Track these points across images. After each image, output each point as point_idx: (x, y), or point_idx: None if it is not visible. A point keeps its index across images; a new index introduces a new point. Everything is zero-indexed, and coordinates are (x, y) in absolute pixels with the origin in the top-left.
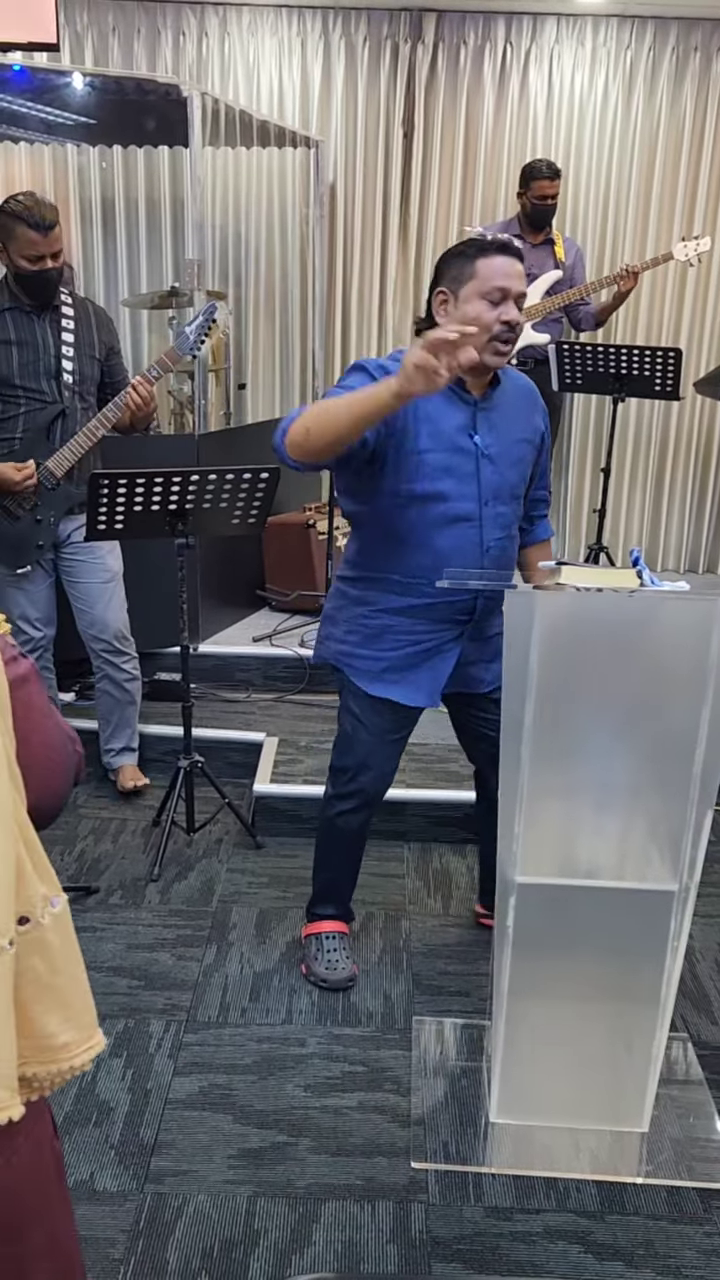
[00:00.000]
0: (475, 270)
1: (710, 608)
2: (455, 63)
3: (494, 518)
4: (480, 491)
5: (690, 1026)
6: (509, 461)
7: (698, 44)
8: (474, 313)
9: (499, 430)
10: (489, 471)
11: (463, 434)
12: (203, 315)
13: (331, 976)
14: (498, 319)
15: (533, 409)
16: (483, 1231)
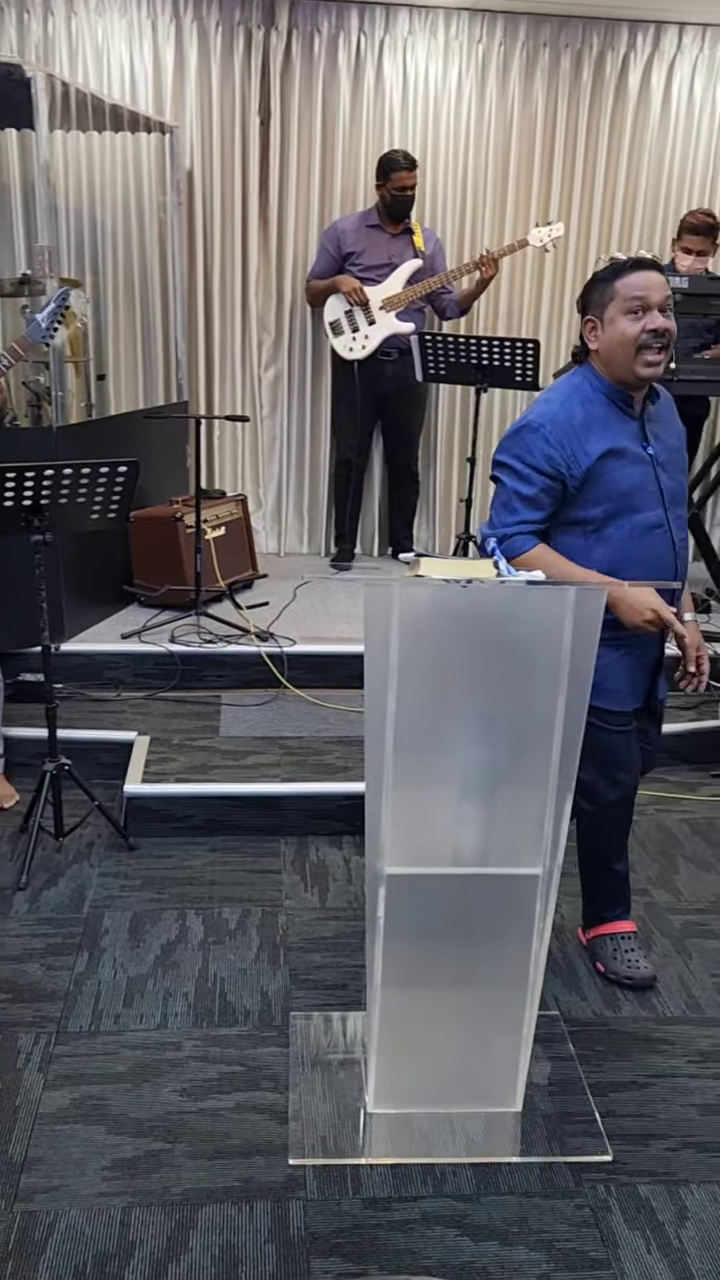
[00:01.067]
0: (614, 291)
1: (563, 597)
2: (309, 51)
3: (677, 520)
4: (663, 497)
5: (560, 1004)
6: (676, 467)
7: (546, 39)
8: (619, 330)
9: (661, 438)
10: (664, 478)
11: (639, 446)
12: (54, 301)
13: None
14: (642, 329)
15: (675, 420)
16: (361, 1224)
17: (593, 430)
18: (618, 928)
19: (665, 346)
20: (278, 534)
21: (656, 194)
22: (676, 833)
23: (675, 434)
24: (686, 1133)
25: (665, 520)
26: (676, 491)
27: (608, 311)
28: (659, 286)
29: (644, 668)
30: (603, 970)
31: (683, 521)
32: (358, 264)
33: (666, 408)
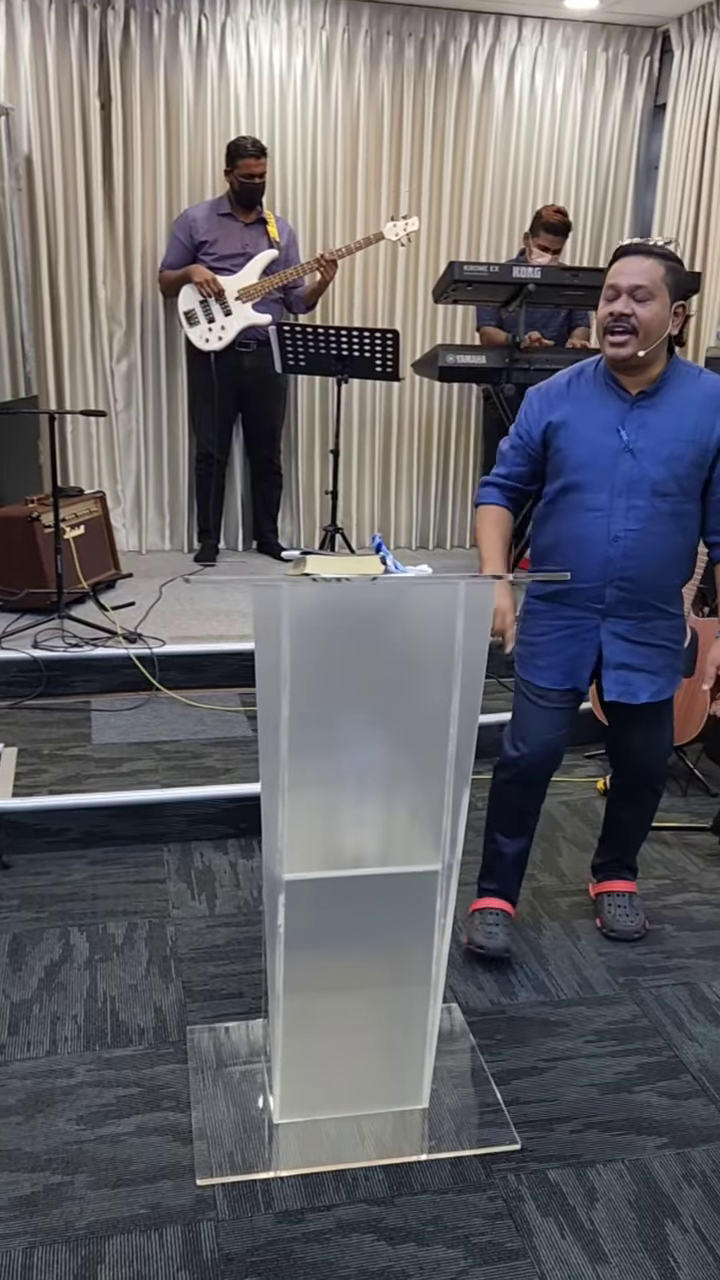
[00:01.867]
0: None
1: (453, 591)
2: (149, 32)
3: (626, 510)
4: (614, 484)
5: (458, 995)
6: (656, 459)
7: (389, 28)
8: (598, 313)
9: (651, 427)
10: (629, 465)
11: (609, 430)
12: None
13: (489, 943)
14: (607, 313)
15: (706, 411)
16: (275, 1239)
17: (564, 402)
18: (489, 904)
19: (629, 330)
20: (138, 531)
21: (504, 185)
22: (556, 815)
23: (689, 428)
24: (589, 1113)
25: (609, 506)
26: (641, 481)
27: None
28: (632, 273)
29: (584, 652)
30: (466, 942)
31: (641, 514)
32: (211, 253)
33: (696, 400)
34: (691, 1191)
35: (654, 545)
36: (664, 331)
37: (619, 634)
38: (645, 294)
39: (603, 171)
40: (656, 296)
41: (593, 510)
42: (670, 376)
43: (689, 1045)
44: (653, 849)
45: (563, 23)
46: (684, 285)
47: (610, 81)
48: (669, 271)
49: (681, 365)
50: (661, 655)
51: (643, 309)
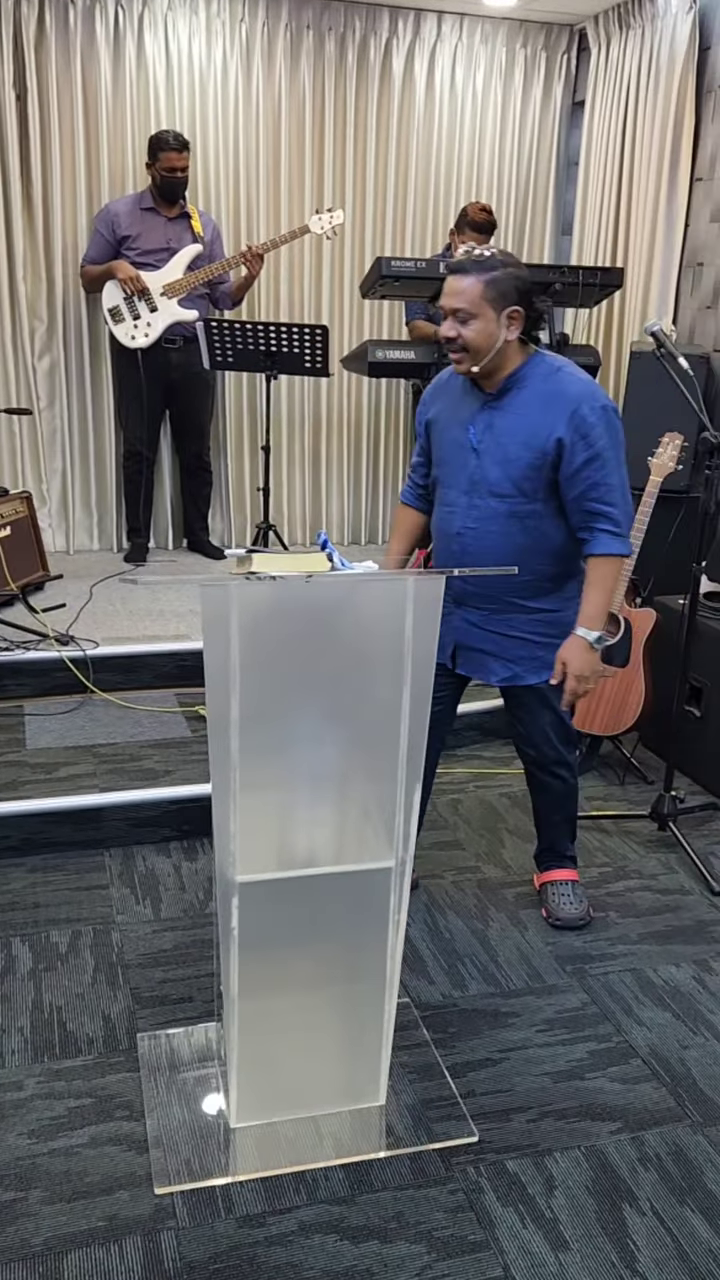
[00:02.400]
0: None
1: (401, 587)
2: (65, 22)
3: (469, 507)
4: (459, 480)
5: (410, 990)
6: (494, 460)
7: (309, 22)
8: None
9: (496, 428)
10: (473, 464)
11: (463, 427)
12: None
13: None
14: (443, 334)
15: (555, 415)
16: (238, 1244)
17: (439, 398)
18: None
19: (461, 349)
20: (66, 531)
21: (427, 180)
22: (497, 807)
23: (531, 432)
24: (544, 1102)
25: (456, 503)
26: (481, 481)
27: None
28: (451, 294)
29: (446, 633)
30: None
31: (481, 513)
32: (134, 248)
33: (542, 403)
34: (647, 1175)
35: (493, 543)
36: (493, 344)
37: (471, 622)
38: (465, 315)
39: (524, 167)
40: (478, 314)
41: (446, 505)
42: (525, 377)
43: (638, 1030)
44: (593, 838)
45: (481, 19)
46: (515, 290)
47: (529, 78)
48: (489, 285)
49: (540, 364)
50: (522, 646)
51: (466, 329)
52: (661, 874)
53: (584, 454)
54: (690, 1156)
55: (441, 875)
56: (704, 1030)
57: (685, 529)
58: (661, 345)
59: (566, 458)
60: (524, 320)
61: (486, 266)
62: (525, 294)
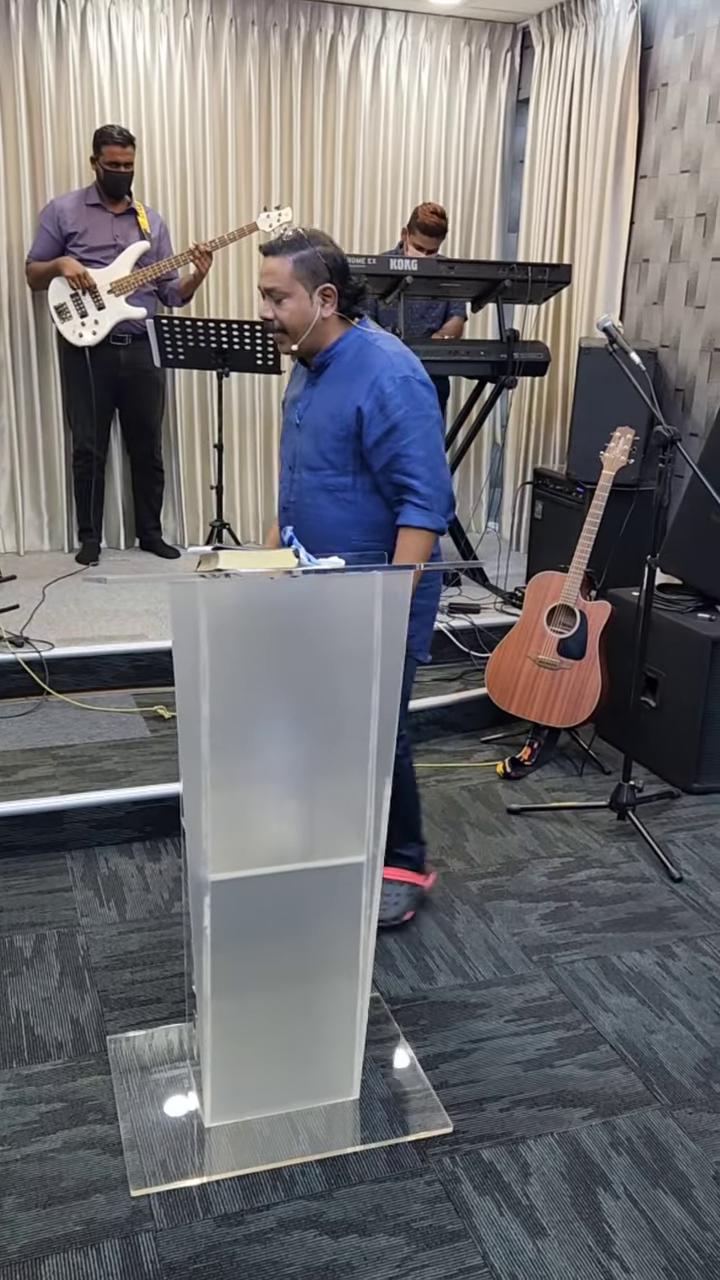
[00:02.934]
0: None
1: (369, 581)
2: (4, 16)
3: (291, 482)
4: (288, 456)
5: (379, 984)
6: (310, 432)
7: (254, 18)
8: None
9: (314, 403)
10: (297, 437)
11: (294, 406)
12: None
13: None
14: (261, 316)
15: (357, 386)
16: (216, 1244)
17: (291, 384)
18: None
19: (279, 330)
20: (15, 532)
21: (374, 177)
22: (459, 800)
23: (336, 403)
24: (516, 1091)
25: (286, 478)
26: (298, 454)
27: None
28: (265, 275)
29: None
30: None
31: (301, 485)
32: (81, 245)
33: (347, 374)
34: (620, 1159)
35: (309, 516)
36: (309, 321)
37: None
38: (279, 294)
39: (470, 164)
40: (291, 293)
41: (280, 481)
42: (341, 351)
43: (605, 1016)
44: (554, 828)
45: (425, 16)
46: (327, 267)
47: (474, 76)
48: (298, 264)
49: (356, 338)
50: None
51: (281, 309)
52: (622, 862)
53: (382, 425)
54: (661, 1139)
55: None
56: (669, 1014)
57: (637, 522)
58: (614, 341)
59: (366, 428)
60: (338, 296)
61: (295, 246)
62: (337, 270)
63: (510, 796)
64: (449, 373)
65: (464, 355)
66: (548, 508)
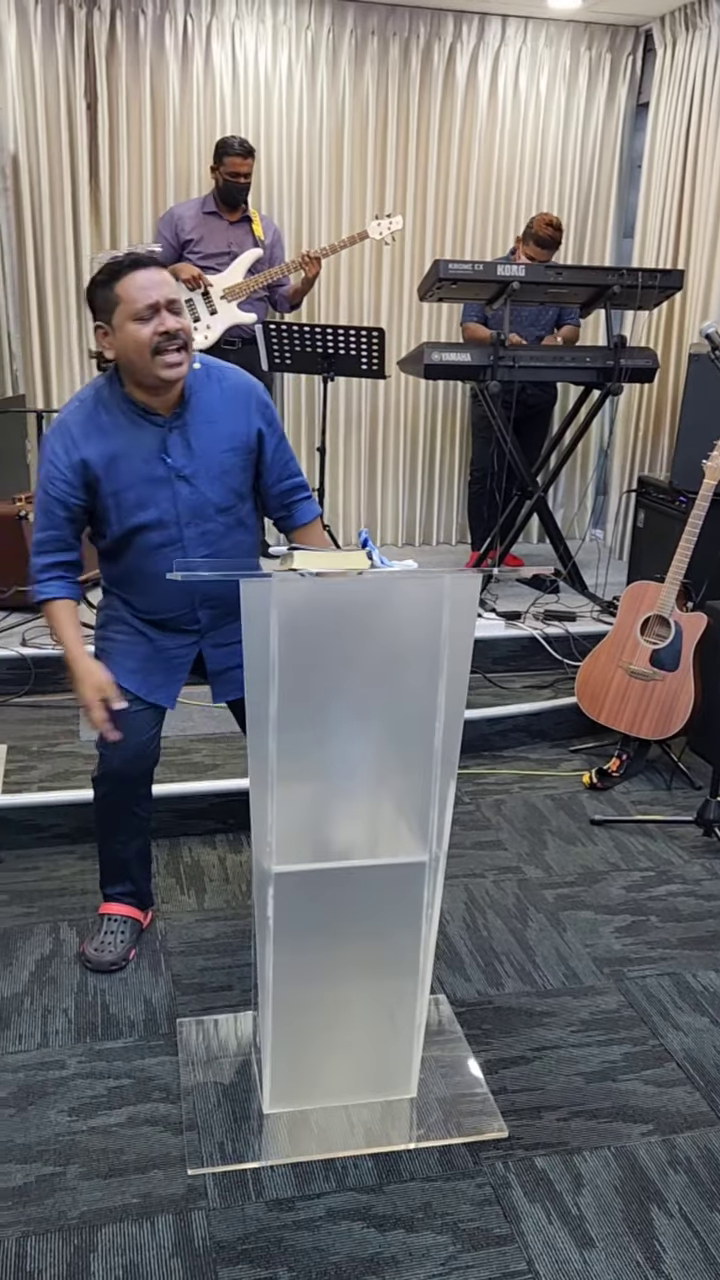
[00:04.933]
0: (117, 295)
1: (439, 585)
2: (135, 32)
3: (197, 537)
4: (179, 514)
5: (445, 986)
6: (210, 477)
7: (374, 28)
8: (131, 337)
9: (194, 447)
10: (186, 492)
11: (155, 460)
12: None
13: (98, 958)
14: (153, 333)
15: (241, 410)
16: (266, 1227)
17: (90, 441)
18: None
19: (184, 345)
20: None
21: (488, 184)
22: (542, 809)
23: (229, 435)
24: (576, 1102)
25: (180, 537)
26: (202, 505)
27: (115, 317)
28: (161, 285)
29: (174, 677)
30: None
31: (212, 536)
32: (197, 252)
33: (224, 404)
34: (677, 1177)
35: (230, 557)
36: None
37: (221, 643)
38: (179, 306)
39: (586, 170)
40: (185, 308)
41: (165, 546)
42: (191, 386)
43: (674, 1034)
44: (637, 841)
45: (546, 22)
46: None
47: (593, 80)
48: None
49: (200, 371)
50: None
51: (184, 321)
52: (705, 879)
53: (275, 435)
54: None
55: (482, 875)
56: None
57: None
58: (717, 348)
59: (266, 445)
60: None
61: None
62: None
63: (595, 807)
64: (555, 378)
65: (570, 361)
66: (650, 516)
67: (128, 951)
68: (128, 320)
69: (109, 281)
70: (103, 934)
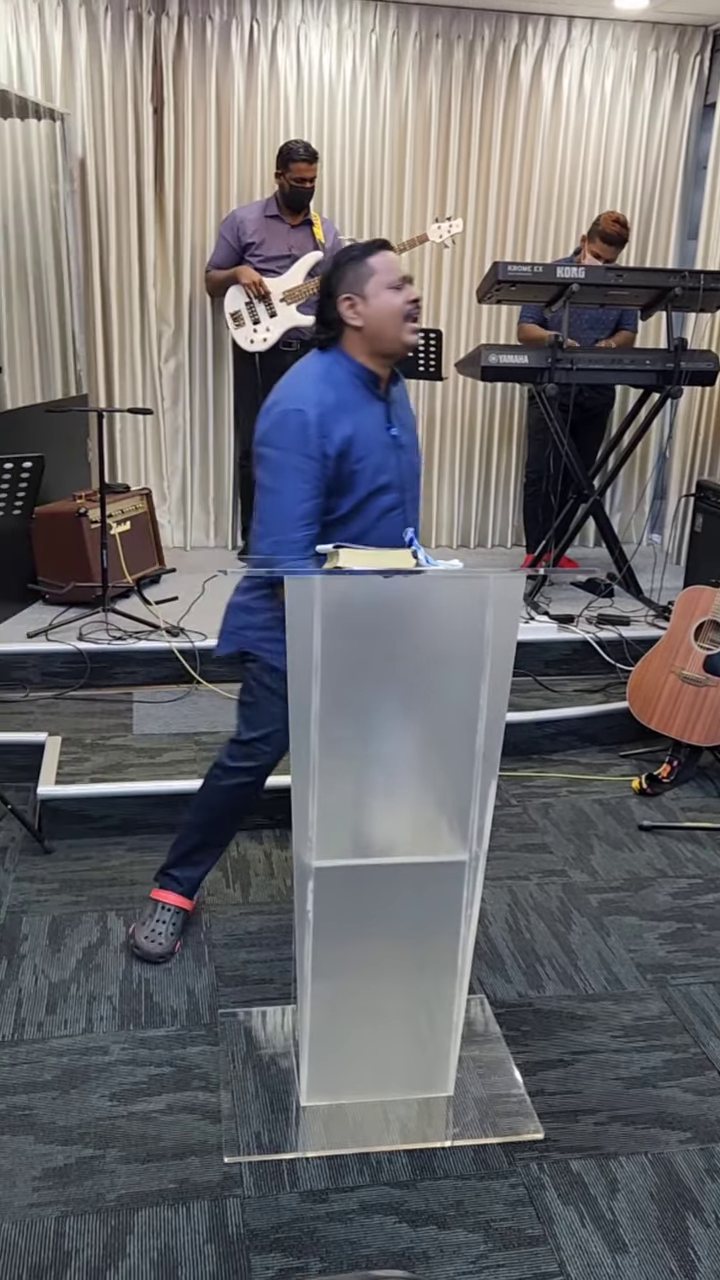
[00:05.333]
0: (371, 267)
1: (483, 585)
2: (202, 38)
3: (412, 502)
4: (402, 479)
5: (486, 986)
6: (412, 449)
7: (439, 31)
8: (387, 304)
9: (401, 419)
10: (405, 459)
11: (382, 428)
12: None
13: (148, 947)
14: (405, 300)
15: (407, 399)
16: (299, 1217)
17: (343, 413)
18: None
19: (419, 316)
20: (183, 527)
21: (550, 187)
22: (589, 813)
23: (411, 415)
24: (614, 1107)
25: (402, 501)
26: (412, 471)
27: (369, 286)
28: (401, 264)
29: None
30: (129, 931)
31: (419, 502)
32: (258, 255)
33: (403, 391)
34: (714, 1185)
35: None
36: None
37: None
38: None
39: (650, 171)
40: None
41: (392, 510)
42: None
43: (716, 1043)
44: (685, 848)
45: (613, 23)
46: None
47: (659, 81)
48: None
49: None
50: None
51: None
52: None
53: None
54: None
55: (527, 877)
56: None
57: None
58: None
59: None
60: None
61: None
62: None
63: (643, 813)
64: (613, 381)
65: (629, 364)
66: (709, 521)
67: (175, 944)
68: (383, 289)
69: (363, 256)
70: (154, 921)
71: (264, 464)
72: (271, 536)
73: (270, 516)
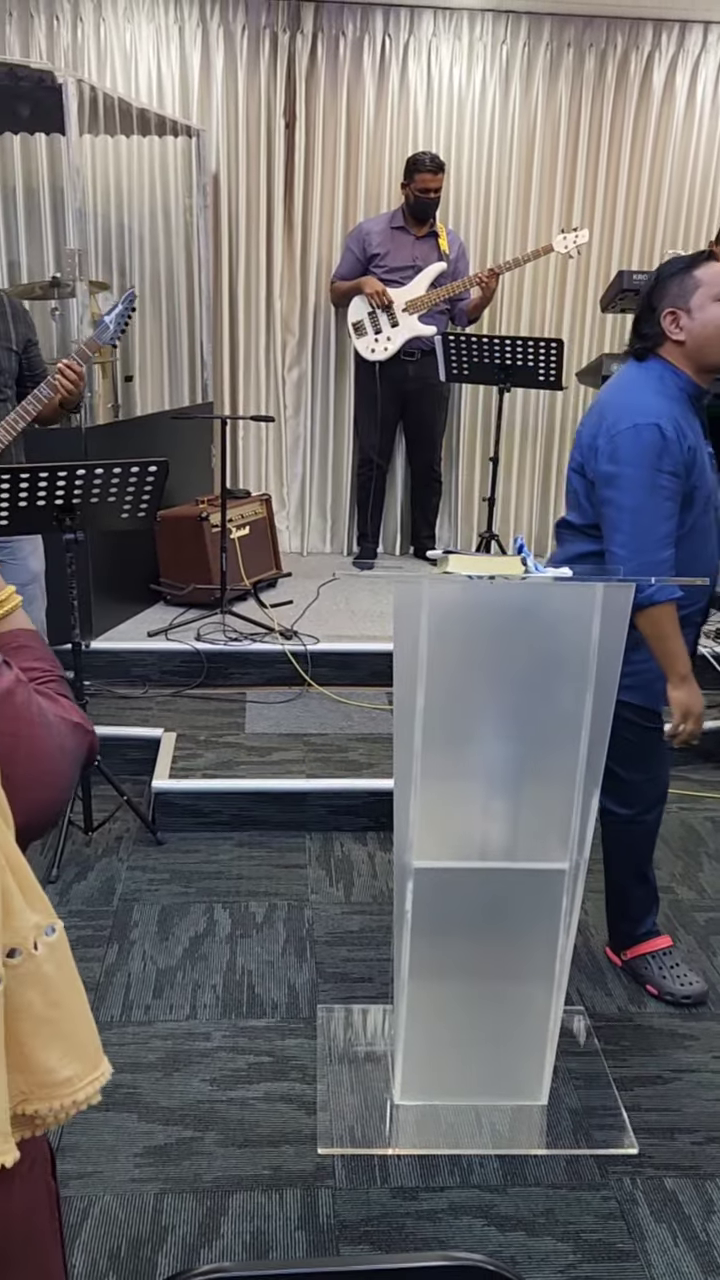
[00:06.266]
0: (698, 279)
1: (591, 593)
2: (335, 54)
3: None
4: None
5: (586, 999)
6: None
7: (570, 40)
8: (713, 316)
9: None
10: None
11: (705, 445)
12: (122, 304)
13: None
14: None
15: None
16: (389, 1212)
17: (686, 425)
18: (655, 945)
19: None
20: (301, 533)
21: (680, 196)
22: (700, 830)
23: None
24: (712, 1127)
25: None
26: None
27: (694, 299)
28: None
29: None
30: (656, 993)
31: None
32: (382, 265)
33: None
34: None
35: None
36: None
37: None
38: None
39: None
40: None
41: (711, 527)
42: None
43: None
44: None
45: None
46: None
47: None
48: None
49: None
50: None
51: None
52: None
53: None
54: None
55: None
56: None
57: None
58: None
59: None
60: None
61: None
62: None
63: None
64: None
65: None
66: None
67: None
68: (710, 301)
69: (688, 269)
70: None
71: (620, 483)
72: (638, 559)
73: (633, 538)
